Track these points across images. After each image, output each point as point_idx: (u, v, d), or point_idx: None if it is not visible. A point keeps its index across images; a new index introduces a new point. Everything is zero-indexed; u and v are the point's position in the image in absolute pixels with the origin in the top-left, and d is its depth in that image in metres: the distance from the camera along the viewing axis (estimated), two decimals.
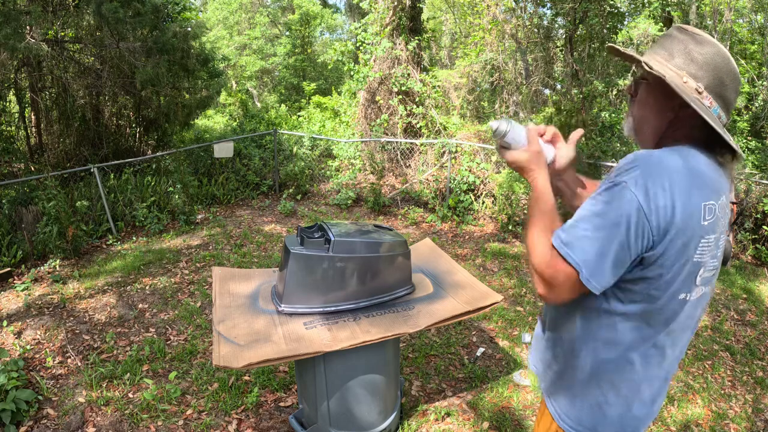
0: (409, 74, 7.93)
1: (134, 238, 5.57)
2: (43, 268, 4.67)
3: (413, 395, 2.92)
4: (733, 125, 8.77)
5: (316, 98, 11.97)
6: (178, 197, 6.14)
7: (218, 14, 19.50)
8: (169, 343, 3.49)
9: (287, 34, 19.58)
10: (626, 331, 1.11)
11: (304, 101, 14.31)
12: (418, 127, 7.97)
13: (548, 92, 10.32)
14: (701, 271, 1.07)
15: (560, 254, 1.03)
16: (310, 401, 2.17)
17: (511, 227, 6.14)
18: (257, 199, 7.28)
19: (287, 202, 6.80)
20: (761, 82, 9.63)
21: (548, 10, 9.22)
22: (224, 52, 16.04)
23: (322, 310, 2.12)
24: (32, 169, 6.59)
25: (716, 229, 1.06)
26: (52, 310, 3.92)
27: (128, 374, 3.07)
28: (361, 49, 8.34)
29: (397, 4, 7.85)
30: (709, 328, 4.08)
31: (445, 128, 7.95)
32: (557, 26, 9.26)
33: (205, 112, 10.43)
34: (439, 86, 8.56)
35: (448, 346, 3.50)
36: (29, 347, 3.36)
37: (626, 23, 8.68)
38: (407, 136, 8.05)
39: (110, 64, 6.80)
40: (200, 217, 6.31)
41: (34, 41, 5.59)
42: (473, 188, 6.79)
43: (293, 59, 18.09)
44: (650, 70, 1.05)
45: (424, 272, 2.60)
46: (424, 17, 9.34)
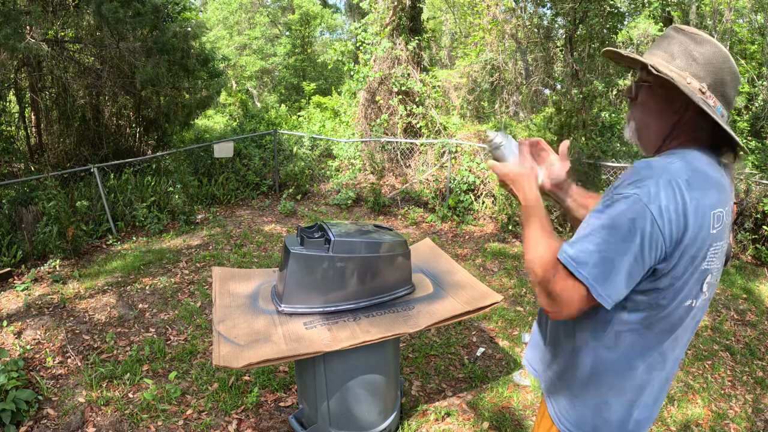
0: (409, 74, 7.93)
1: (134, 238, 5.57)
2: (43, 268, 4.67)
3: (413, 395, 2.92)
4: (733, 125, 8.77)
5: (316, 98, 11.97)
6: (178, 197, 6.14)
7: (218, 14, 19.51)
8: (169, 343, 3.49)
9: (287, 34, 19.59)
10: (630, 337, 1.09)
11: (304, 101, 14.31)
12: (418, 127, 7.97)
13: (548, 92, 10.33)
14: (708, 277, 1.07)
15: (568, 270, 1.00)
16: (310, 401, 2.17)
17: (511, 227, 6.14)
18: (257, 199, 7.28)
19: (287, 202, 6.80)
20: (761, 82, 9.63)
21: (548, 10, 9.23)
22: (224, 52, 16.04)
23: (322, 310, 2.12)
24: (32, 169, 6.59)
25: (723, 236, 1.05)
26: (52, 310, 3.92)
27: (128, 374, 3.07)
28: (361, 49, 8.34)
29: (397, 4, 7.85)
30: (709, 328, 4.08)
31: (445, 128, 7.94)
32: (557, 26, 9.26)
33: (205, 112, 10.43)
34: (439, 86, 8.56)
35: (448, 346, 3.50)
36: (29, 347, 3.37)
37: (626, 23, 8.68)
38: (407, 136, 8.05)
39: (110, 64, 6.80)
40: (200, 217, 6.31)
41: (34, 41, 5.59)
42: (473, 188, 6.79)
43: (293, 59, 18.09)
44: (658, 73, 1.03)
45: (424, 272, 2.60)
46: (424, 17, 9.34)
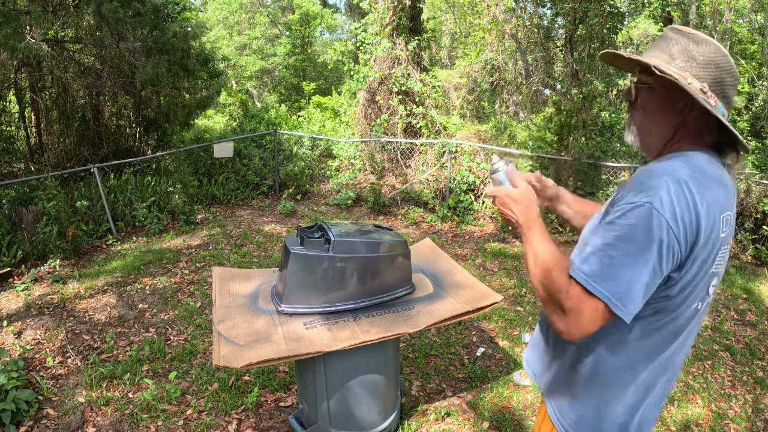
0: (409, 74, 7.93)
1: (134, 238, 5.57)
2: (43, 268, 4.67)
3: (413, 395, 2.92)
4: (733, 125, 8.77)
5: (316, 98, 11.96)
6: (178, 197, 6.14)
7: (218, 14, 19.51)
8: (169, 343, 3.49)
9: (287, 34, 19.58)
10: (637, 342, 1.08)
11: (304, 101, 14.30)
12: (418, 127, 7.96)
13: (548, 92, 10.33)
14: (714, 280, 1.06)
15: (583, 287, 0.97)
16: (310, 401, 2.17)
17: (511, 227, 6.14)
18: (257, 199, 7.28)
19: (287, 202, 6.80)
20: (761, 82, 9.63)
21: (548, 10, 9.23)
22: (224, 52, 16.04)
23: (322, 310, 2.12)
24: (32, 169, 6.59)
25: (729, 239, 1.05)
26: (52, 310, 3.92)
27: (128, 374, 3.07)
28: (361, 49, 8.34)
29: (397, 4, 7.85)
30: (709, 328, 4.08)
31: (445, 128, 7.94)
32: (557, 26, 9.26)
33: (205, 112, 10.43)
34: (439, 86, 8.56)
35: (448, 346, 3.50)
36: (29, 347, 3.37)
37: (626, 23, 8.68)
38: (407, 136, 8.05)
39: (110, 64, 6.80)
40: (200, 217, 6.31)
41: (34, 41, 5.59)
42: (473, 188, 6.79)
43: (293, 59, 18.09)
44: (661, 73, 1.01)
45: (424, 272, 2.60)
46: (424, 17, 9.34)
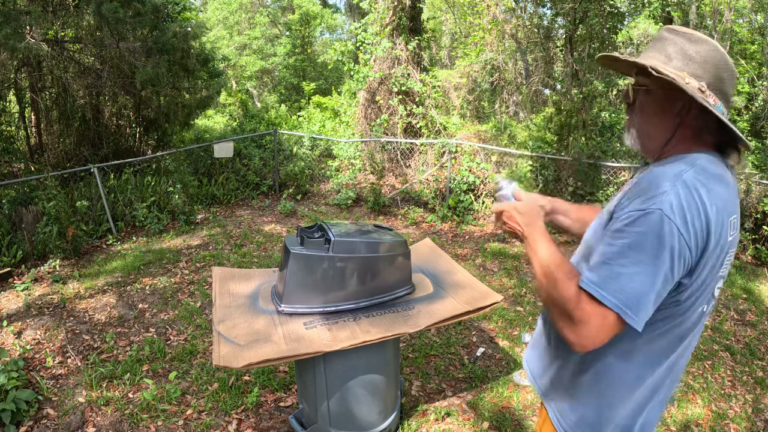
0: (409, 74, 7.93)
1: (134, 238, 5.57)
2: (43, 268, 4.67)
3: (413, 395, 2.92)
4: (732, 125, 8.77)
5: (316, 98, 11.96)
6: (178, 197, 6.14)
7: (218, 14, 19.51)
8: (169, 343, 3.49)
9: (287, 34, 19.58)
10: (644, 347, 1.07)
11: (304, 101, 14.30)
12: (418, 127, 7.96)
13: (548, 92, 10.32)
14: (720, 282, 1.06)
15: (594, 297, 0.96)
16: (310, 401, 2.17)
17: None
18: (257, 199, 7.28)
19: (287, 202, 6.80)
20: (761, 82, 9.62)
21: (548, 10, 9.22)
22: (224, 52, 16.04)
23: (322, 310, 2.12)
24: (32, 169, 6.59)
25: (736, 242, 1.05)
26: (52, 310, 3.92)
27: (128, 374, 3.07)
28: (361, 49, 8.34)
29: (397, 4, 7.85)
30: (709, 328, 4.08)
31: (445, 128, 7.94)
32: (557, 26, 9.25)
33: (205, 112, 10.42)
34: (439, 86, 8.56)
35: (448, 346, 3.50)
36: (29, 347, 3.37)
37: (626, 23, 8.68)
38: (407, 136, 8.05)
39: (110, 64, 6.80)
40: (200, 217, 6.31)
41: (34, 41, 5.59)
42: (473, 188, 6.79)
43: (293, 59, 18.09)
44: (658, 74, 1.00)
45: (424, 272, 2.60)
46: (424, 17, 9.34)
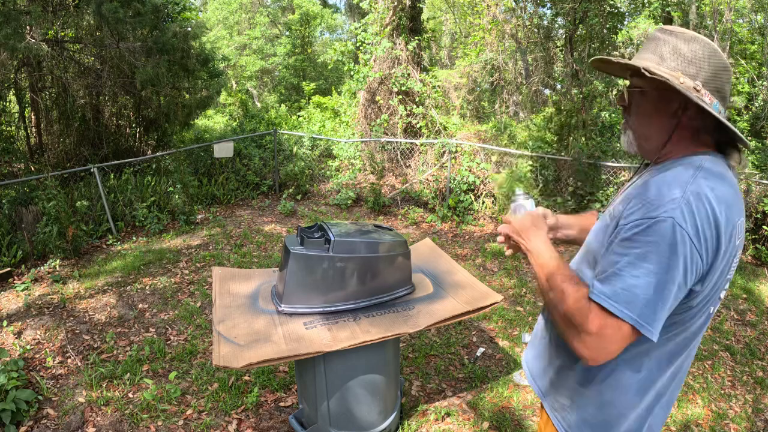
0: (409, 74, 7.93)
1: (134, 238, 5.57)
2: (43, 268, 4.67)
3: (413, 395, 2.92)
4: (733, 125, 8.77)
5: (316, 98, 11.96)
6: (178, 197, 6.14)
7: (218, 14, 19.51)
8: (169, 343, 3.49)
9: (287, 34, 19.59)
10: (652, 352, 1.06)
11: (304, 101, 14.30)
12: (418, 127, 7.96)
13: (548, 92, 10.32)
14: (726, 284, 1.06)
15: (606, 310, 0.94)
16: (310, 401, 2.17)
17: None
18: (257, 199, 7.28)
19: (287, 202, 6.80)
20: (761, 82, 9.62)
21: (548, 10, 9.22)
22: (224, 52, 16.04)
23: (322, 310, 2.12)
24: (32, 169, 6.59)
25: (742, 245, 1.04)
26: (52, 310, 3.92)
27: (128, 374, 3.07)
28: (361, 49, 8.34)
29: (397, 4, 7.85)
30: (709, 328, 4.08)
31: (445, 128, 7.94)
32: (557, 26, 9.25)
33: (205, 112, 10.42)
34: (439, 86, 8.56)
35: (448, 346, 3.50)
36: (29, 347, 3.37)
37: (626, 23, 8.68)
38: (407, 136, 8.05)
39: (110, 64, 6.80)
40: (200, 217, 6.31)
41: (34, 41, 5.59)
42: (473, 188, 6.79)
43: (293, 59, 18.09)
44: (651, 75, 1.00)
45: (424, 272, 2.60)
46: (424, 17, 9.34)
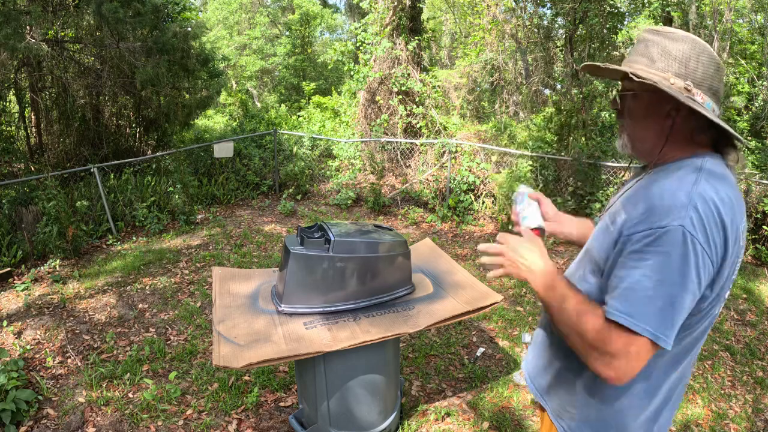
0: (409, 74, 7.93)
1: (134, 238, 5.57)
2: (43, 268, 4.67)
3: (413, 395, 2.92)
4: (733, 125, 8.76)
5: (316, 98, 11.96)
6: (178, 197, 6.14)
7: (218, 14, 19.50)
8: (169, 343, 3.49)
9: (287, 34, 19.58)
10: (662, 357, 1.06)
11: (304, 101, 14.30)
12: (418, 127, 7.96)
13: (548, 92, 10.31)
14: (730, 285, 1.06)
15: (625, 327, 0.93)
16: (310, 401, 2.17)
17: (511, 227, 6.13)
18: (257, 199, 7.28)
19: (287, 202, 6.80)
20: (761, 82, 9.62)
21: (548, 10, 9.21)
22: (224, 52, 16.04)
23: (322, 310, 2.12)
24: (32, 169, 6.59)
25: (744, 245, 1.05)
26: (52, 310, 3.92)
27: (128, 374, 3.07)
28: (361, 49, 8.34)
29: (397, 4, 7.85)
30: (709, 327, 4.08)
31: (445, 128, 7.94)
32: (557, 26, 9.25)
33: (205, 112, 10.42)
34: (439, 86, 8.56)
35: (448, 346, 3.50)
36: (29, 347, 3.37)
37: (626, 23, 8.68)
38: (407, 136, 8.05)
39: (110, 64, 6.80)
40: (200, 217, 6.31)
41: (34, 41, 5.59)
42: (473, 188, 6.79)
43: (293, 59, 18.09)
44: (640, 79, 1.00)
45: (424, 272, 2.60)
46: (424, 17, 9.34)
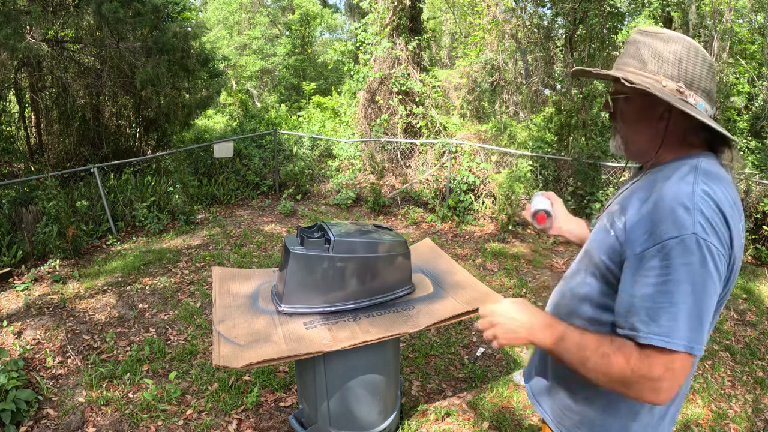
0: (409, 74, 7.93)
1: (134, 238, 5.57)
2: (43, 268, 4.67)
3: (413, 395, 2.92)
4: (733, 125, 8.75)
5: (316, 98, 11.96)
6: (178, 197, 6.14)
7: (218, 14, 19.50)
8: (169, 343, 3.49)
9: (287, 34, 19.58)
10: None
11: (304, 101, 14.30)
12: (418, 127, 7.96)
13: (548, 92, 10.31)
14: (733, 282, 1.06)
15: (663, 348, 0.91)
16: (310, 401, 2.17)
17: (511, 227, 6.14)
18: (257, 199, 7.28)
19: (287, 202, 6.80)
20: (761, 82, 9.61)
21: (548, 10, 9.21)
22: (224, 52, 16.04)
23: (322, 310, 2.12)
24: (32, 169, 6.59)
25: (744, 243, 1.05)
26: (52, 310, 3.92)
27: (128, 374, 3.07)
28: (361, 49, 8.34)
29: (397, 4, 7.85)
30: None
31: (445, 128, 7.94)
32: (557, 26, 9.24)
33: (205, 112, 10.43)
34: (439, 86, 8.56)
35: (448, 346, 3.50)
36: (29, 347, 3.37)
37: (626, 23, 8.68)
38: (407, 136, 8.05)
39: (110, 64, 6.80)
40: (200, 217, 6.31)
41: (34, 41, 5.59)
42: (473, 188, 6.79)
43: (293, 59, 18.09)
44: (632, 84, 1.00)
45: (424, 272, 2.60)
46: (424, 17, 9.34)
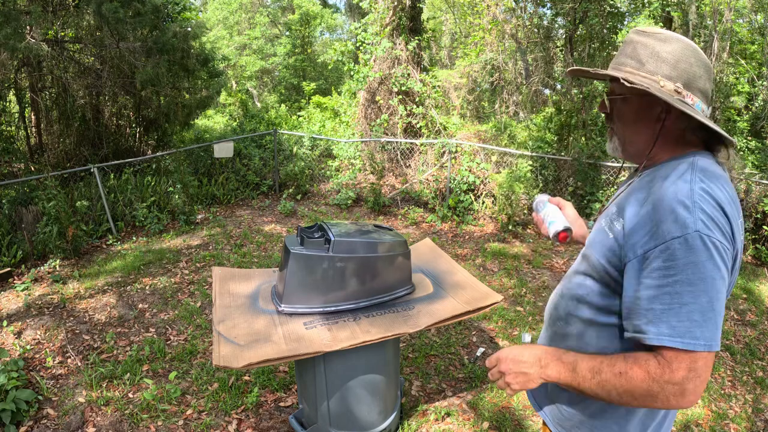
0: (409, 74, 7.93)
1: (134, 238, 5.57)
2: (43, 268, 4.67)
3: (413, 395, 2.92)
4: (733, 125, 8.75)
5: (316, 98, 11.96)
6: (178, 197, 6.14)
7: (218, 14, 19.51)
8: (169, 343, 3.49)
9: (287, 34, 19.58)
10: None
11: (304, 101, 14.30)
12: (418, 127, 7.97)
13: (548, 92, 10.30)
14: (734, 281, 1.07)
15: (684, 350, 0.91)
16: (310, 401, 2.17)
17: (511, 227, 6.14)
18: (257, 199, 7.28)
19: (287, 202, 6.80)
20: (761, 82, 9.61)
21: (548, 10, 9.21)
22: (224, 52, 16.04)
23: (322, 310, 2.12)
24: (32, 169, 6.59)
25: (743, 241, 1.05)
26: (52, 310, 3.92)
27: (128, 374, 3.07)
28: (361, 49, 8.34)
29: (397, 4, 7.85)
30: None
31: (445, 128, 7.94)
32: (557, 26, 9.24)
33: (205, 112, 10.43)
34: (439, 86, 8.56)
35: (448, 346, 3.50)
36: (29, 347, 3.37)
37: (626, 23, 8.67)
38: (407, 136, 8.05)
39: (110, 64, 6.80)
40: (200, 217, 6.31)
41: (34, 41, 5.59)
42: (473, 188, 6.79)
43: (293, 59, 18.09)
44: (632, 85, 1.00)
45: (424, 272, 2.60)
46: (424, 17, 9.34)
